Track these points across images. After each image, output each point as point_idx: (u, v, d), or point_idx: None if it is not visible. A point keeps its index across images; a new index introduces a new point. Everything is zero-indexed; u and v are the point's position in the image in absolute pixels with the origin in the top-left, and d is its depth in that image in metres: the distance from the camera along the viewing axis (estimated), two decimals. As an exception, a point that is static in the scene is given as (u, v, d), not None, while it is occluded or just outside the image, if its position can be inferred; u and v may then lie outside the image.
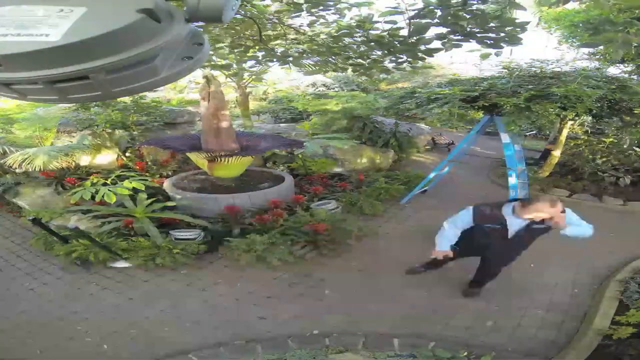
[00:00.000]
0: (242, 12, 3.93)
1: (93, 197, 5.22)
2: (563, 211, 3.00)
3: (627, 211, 6.49)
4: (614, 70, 9.09)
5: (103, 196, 5.10)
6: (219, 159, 5.64)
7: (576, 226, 3.07)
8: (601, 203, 6.77)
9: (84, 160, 6.94)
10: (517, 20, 3.29)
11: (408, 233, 5.56)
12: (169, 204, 5.40)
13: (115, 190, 5.22)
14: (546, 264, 4.61)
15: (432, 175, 6.91)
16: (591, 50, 9.37)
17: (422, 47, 3.72)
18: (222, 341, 3.33)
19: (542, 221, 3.06)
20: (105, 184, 5.63)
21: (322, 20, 3.97)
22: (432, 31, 3.46)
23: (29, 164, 5.81)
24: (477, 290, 3.95)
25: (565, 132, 8.28)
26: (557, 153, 8.38)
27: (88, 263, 4.34)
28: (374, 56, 4.28)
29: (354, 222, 5.32)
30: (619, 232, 5.56)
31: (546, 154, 9.29)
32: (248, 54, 5.01)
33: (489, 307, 3.80)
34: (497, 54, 3.54)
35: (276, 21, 4.30)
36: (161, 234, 4.69)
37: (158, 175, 6.87)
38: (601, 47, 8.45)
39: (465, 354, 3.15)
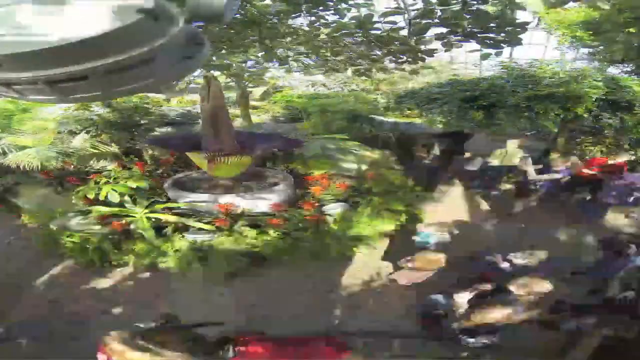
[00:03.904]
0: (242, 12, 3.93)
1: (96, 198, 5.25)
2: None
3: (626, 211, 6.49)
4: (614, 70, 9.09)
5: (107, 195, 5.13)
6: (218, 159, 5.63)
7: None
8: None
9: (84, 160, 6.93)
10: (517, 21, 3.29)
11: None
12: (170, 205, 5.40)
13: (118, 189, 5.24)
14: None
15: None
16: (591, 50, 9.36)
17: (422, 47, 3.73)
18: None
19: None
20: (107, 183, 5.64)
21: (322, 21, 3.98)
22: (432, 31, 3.47)
23: (28, 163, 5.81)
24: None
25: (565, 132, 8.28)
26: (556, 153, 8.37)
27: None
28: (374, 56, 4.29)
29: None
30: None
31: (546, 154, 9.28)
32: (248, 54, 5.01)
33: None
34: (497, 54, 3.55)
35: (276, 21, 4.30)
36: (162, 235, 4.70)
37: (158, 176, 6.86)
38: (601, 47, 8.46)
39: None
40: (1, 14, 0.54)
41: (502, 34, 3.35)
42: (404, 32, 3.61)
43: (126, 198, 5.32)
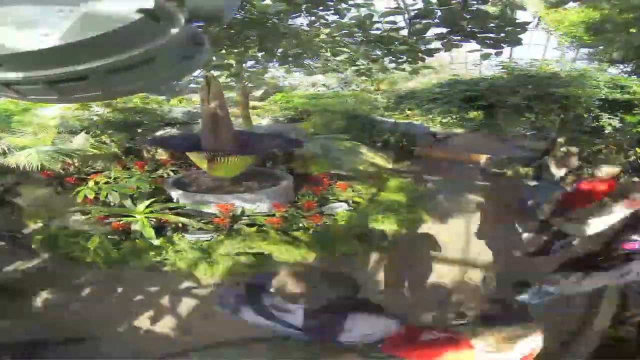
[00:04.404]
0: (242, 12, 3.94)
1: (97, 198, 5.27)
2: None
3: (627, 211, 6.50)
4: (614, 70, 9.09)
5: (107, 195, 5.14)
6: (218, 159, 5.64)
7: None
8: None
9: (84, 160, 6.93)
10: (517, 21, 3.29)
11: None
12: (170, 205, 5.40)
13: (118, 190, 5.26)
14: (545, 265, 4.61)
15: None
16: (591, 50, 9.37)
17: (422, 47, 3.73)
18: (222, 341, 3.33)
19: None
20: (107, 183, 5.65)
21: (322, 21, 3.98)
22: (432, 31, 3.48)
23: (28, 163, 5.81)
24: None
25: (565, 132, 8.28)
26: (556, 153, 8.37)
27: None
28: (374, 56, 4.29)
29: None
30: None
31: (546, 154, 9.28)
32: (248, 54, 5.01)
33: (489, 308, 3.80)
34: (497, 54, 3.56)
35: (276, 21, 4.30)
36: (162, 235, 4.71)
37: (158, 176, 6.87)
38: (601, 47, 8.46)
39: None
40: (1, 14, 0.54)
41: (502, 34, 3.36)
42: (404, 32, 3.62)
43: (126, 197, 5.33)
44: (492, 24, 3.27)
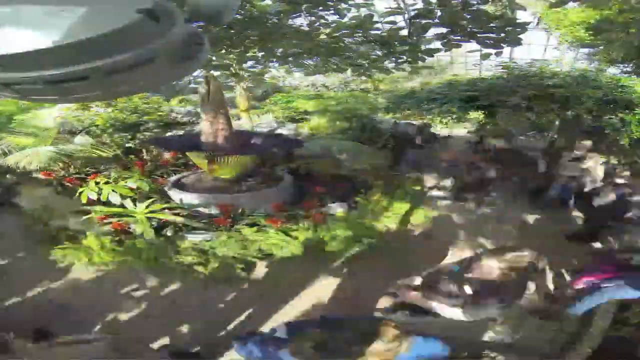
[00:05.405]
0: (242, 12, 3.93)
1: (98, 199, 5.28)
2: None
3: (627, 211, 6.51)
4: (614, 70, 9.10)
5: (107, 196, 5.15)
6: (218, 159, 5.64)
7: None
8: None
9: (84, 160, 6.94)
10: (517, 21, 3.30)
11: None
12: (170, 205, 5.40)
13: (118, 190, 5.26)
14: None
15: None
16: (591, 50, 9.38)
17: (422, 47, 3.74)
18: (222, 341, 3.33)
19: None
20: (107, 183, 5.65)
21: (322, 21, 3.98)
22: (432, 31, 3.48)
23: (29, 164, 5.82)
24: None
25: (565, 132, 8.27)
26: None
27: None
28: (374, 56, 4.29)
29: None
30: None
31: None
32: (248, 54, 5.01)
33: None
34: (497, 54, 3.56)
35: (276, 21, 4.30)
36: (162, 235, 4.71)
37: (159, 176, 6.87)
38: (601, 47, 8.46)
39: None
40: (1, 14, 0.54)
41: (502, 34, 3.36)
42: (404, 32, 3.62)
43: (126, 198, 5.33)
44: (492, 24, 3.27)
